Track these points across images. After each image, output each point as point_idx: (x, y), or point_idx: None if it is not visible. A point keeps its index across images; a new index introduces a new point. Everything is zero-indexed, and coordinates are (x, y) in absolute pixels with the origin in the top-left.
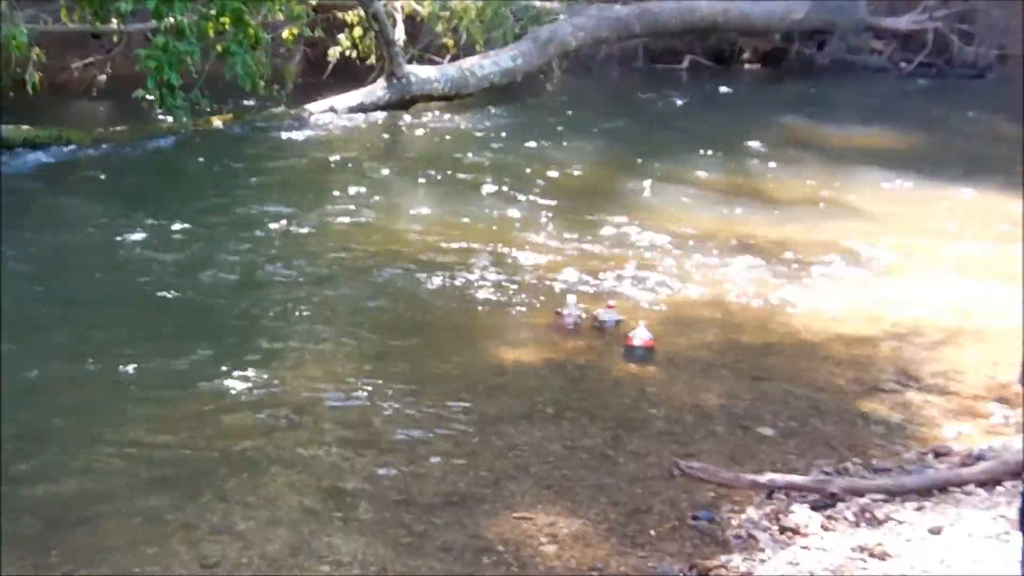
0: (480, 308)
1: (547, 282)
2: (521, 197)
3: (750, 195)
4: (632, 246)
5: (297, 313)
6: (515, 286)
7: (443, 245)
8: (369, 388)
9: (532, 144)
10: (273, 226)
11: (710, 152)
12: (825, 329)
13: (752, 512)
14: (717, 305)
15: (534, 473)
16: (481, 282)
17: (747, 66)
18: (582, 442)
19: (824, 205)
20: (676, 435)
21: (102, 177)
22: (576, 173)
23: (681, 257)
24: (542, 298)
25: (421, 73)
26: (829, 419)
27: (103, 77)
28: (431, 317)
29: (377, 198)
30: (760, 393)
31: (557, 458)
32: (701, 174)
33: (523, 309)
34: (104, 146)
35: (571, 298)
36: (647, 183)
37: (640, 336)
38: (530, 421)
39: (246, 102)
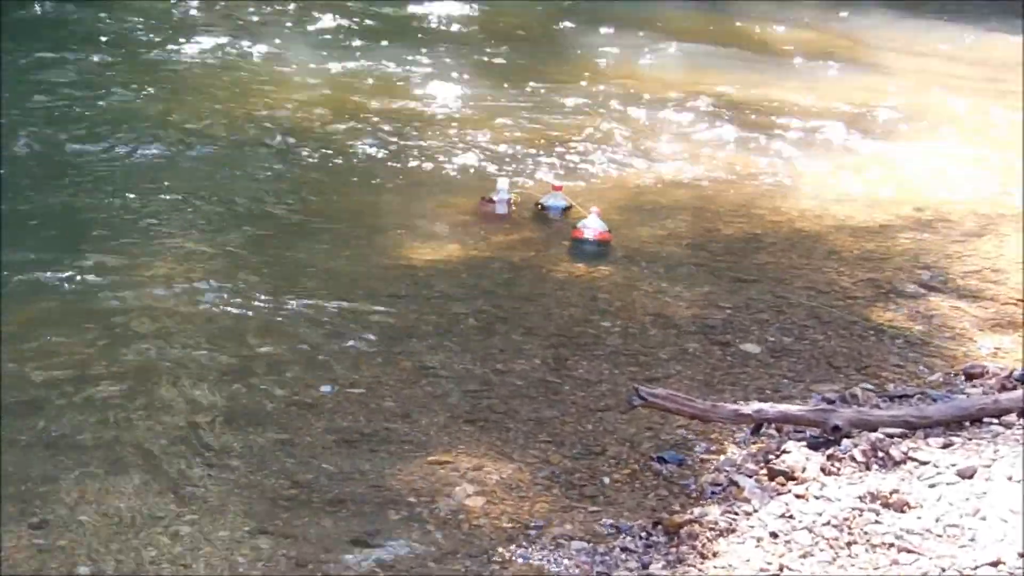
0: (385, 191)
1: (473, 158)
2: (439, 47)
3: (730, 41)
4: (582, 111)
5: (154, 202)
6: (431, 163)
7: (337, 109)
8: (240, 293)
9: None
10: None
11: None
12: (826, 216)
13: (734, 452)
14: (689, 186)
15: (453, 404)
16: (386, 158)
17: None
18: (515, 364)
19: (823, 53)
20: (636, 354)
21: None
22: (509, 14)
23: (643, 124)
24: (467, 179)
25: None
26: (832, 332)
27: None
28: (322, 201)
29: (251, 48)
30: (743, 300)
31: (483, 384)
32: (670, 16)
33: (441, 193)
34: None
35: (503, 182)
36: (602, 29)
37: (592, 227)
38: (448, 336)
39: None
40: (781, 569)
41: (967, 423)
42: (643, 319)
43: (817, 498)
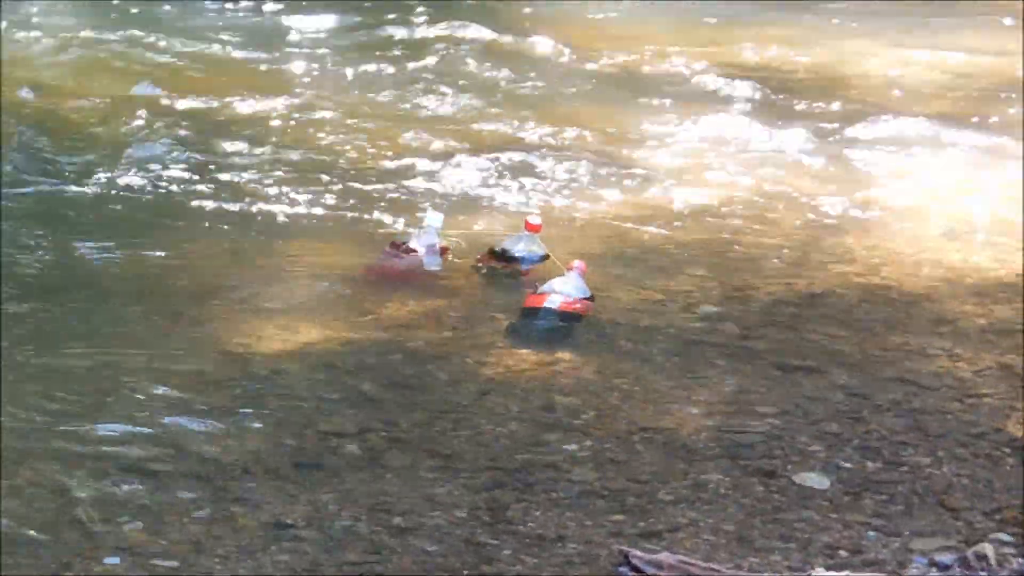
0: (213, 239)
1: (381, 179)
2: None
3: None
4: (552, 98)
5: None
6: (292, 195)
7: (165, 106)
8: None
9: None
10: None
11: None
12: (930, 263)
13: None
14: (704, 220)
15: None
16: (216, 189)
17: None
18: (424, 518)
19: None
20: (620, 495)
21: None
22: None
23: (631, 120)
24: (357, 216)
25: None
26: (945, 453)
27: None
28: (105, 261)
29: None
30: (796, 401)
31: (371, 553)
32: None
33: (311, 241)
34: None
35: (433, 217)
36: None
37: (560, 291)
38: (313, 474)
39: None
40: None
41: None
42: (631, 437)
43: None
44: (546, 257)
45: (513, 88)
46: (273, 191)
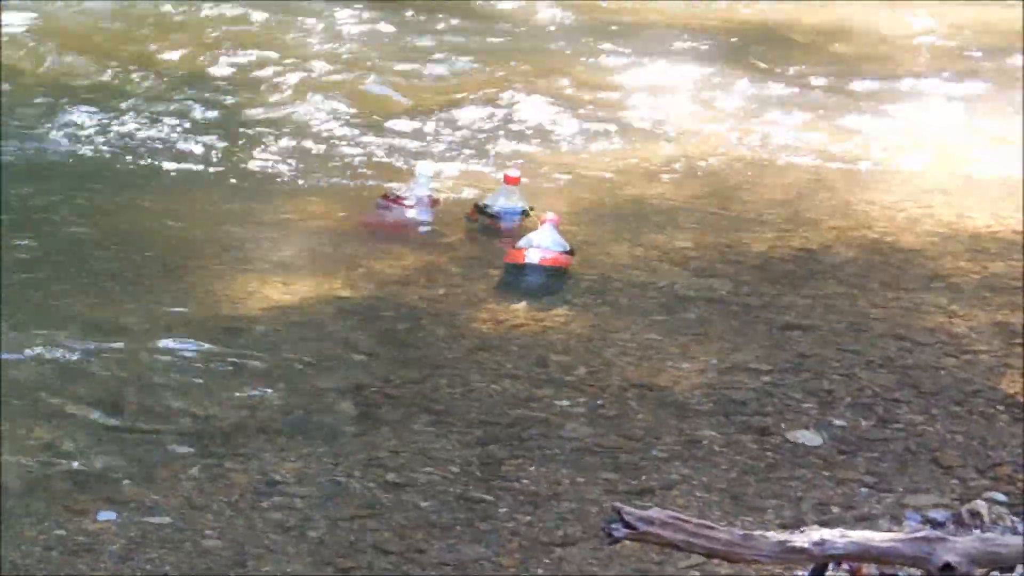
0: (204, 193)
1: (357, 136)
2: None
3: None
4: (540, 51)
5: None
6: (282, 149)
7: (152, 57)
8: None
9: None
10: None
11: None
12: (926, 218)
13: None
14: (697, 173)
15: (316, 542)
16: (209, 143)
17: None
18: (417, 473)
19: None
20: (613, 451)
21: None
22: None
23: (622, 71)
24: (348, 169)
25: None
26: (939, 410)
27: None
28: (99, 216)
29: None
30: (790, 358)
31: (364, 508)
32: None
33: (303, 195)
34: None
35: (424, 167)
36: None
37: (540, 245)
38: (306, 430)
39: None
40: None
41: None
42: (624, 393)
43: None
44: (527, 212)
45: (499, 43)
46: (264, 148)
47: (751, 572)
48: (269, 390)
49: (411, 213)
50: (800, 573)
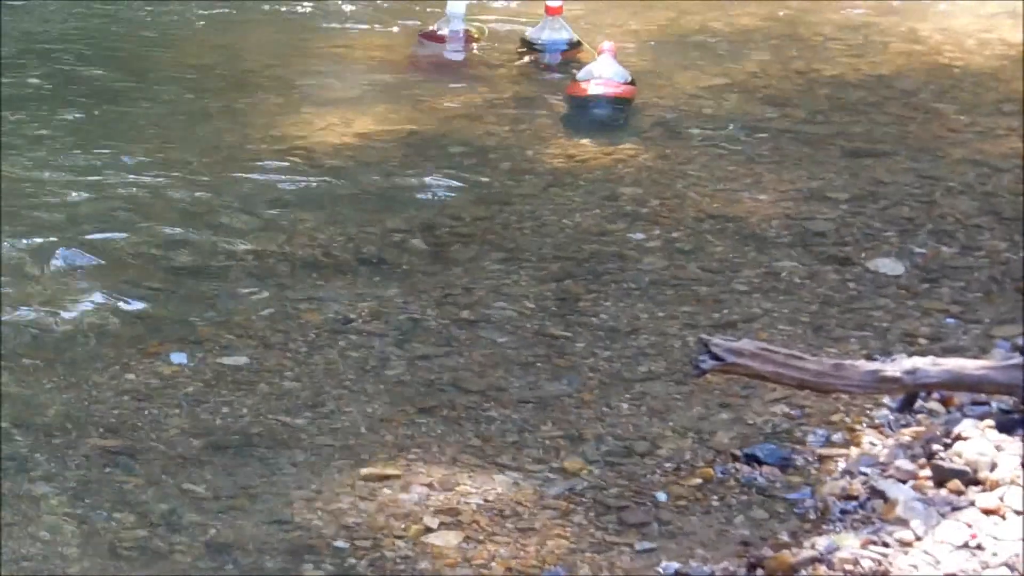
0: (263, 33)
1: None
2: None
3: None
4: None
5: None
6: None
7: None
8: None
9: None
10: None
11: None
12: (999, 40)
13: (874, 443)
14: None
15: (394, 380)
16: None
17: None
18: (492, 310)
19: None
20: (692, 284)
21: None
22: None
23: None
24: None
25: None
26: (1019, 232)
27: None
28: (157, 54)
29: None
30: (867, 185)
31: (442, 346)
32: None
33: (353, 32)
34: None
35: (455, 4)
36: None
37: (603, 77)
38: (378, 268)
39: None
40: None
41: None
42: (699, 225)
43: (1019, 513)
44: (577, 43)
45: None
46: None
47: (838, 403)
48: (338, 228)
49: (450, 48)
50: (888, 402)
